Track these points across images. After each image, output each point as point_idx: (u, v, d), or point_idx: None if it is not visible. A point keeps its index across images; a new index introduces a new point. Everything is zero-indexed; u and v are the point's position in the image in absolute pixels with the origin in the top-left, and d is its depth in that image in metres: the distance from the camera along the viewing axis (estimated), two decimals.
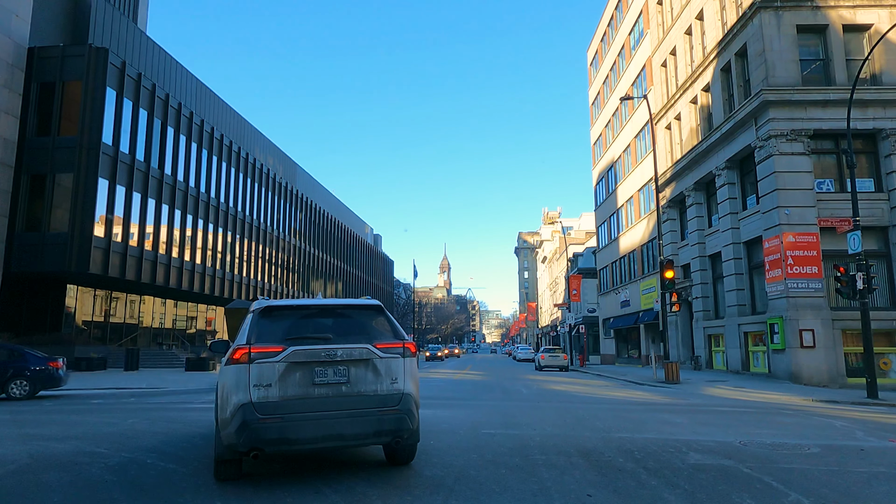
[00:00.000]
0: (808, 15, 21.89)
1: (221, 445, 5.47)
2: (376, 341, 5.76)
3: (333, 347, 5.55)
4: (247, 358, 5.33)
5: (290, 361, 5.37)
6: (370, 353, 5.64)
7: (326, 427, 5.34)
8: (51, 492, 5.35)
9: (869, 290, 15.40)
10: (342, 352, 5.54)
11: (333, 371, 5.49)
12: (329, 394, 5.45)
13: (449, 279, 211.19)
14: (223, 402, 5.40)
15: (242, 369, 5.31)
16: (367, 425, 5.48)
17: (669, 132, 32.25)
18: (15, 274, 26.85)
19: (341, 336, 5.73)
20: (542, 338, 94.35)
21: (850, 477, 6.04)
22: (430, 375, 27.23)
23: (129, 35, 34.01)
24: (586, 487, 5.50)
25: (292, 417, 5.25)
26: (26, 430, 9.09)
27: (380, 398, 5.58)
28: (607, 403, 13.92)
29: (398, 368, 5.74)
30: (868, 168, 21.61)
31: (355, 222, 77.47)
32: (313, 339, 5.61)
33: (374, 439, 5.59)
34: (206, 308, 42.03)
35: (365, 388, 5.57)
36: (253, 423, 5.13)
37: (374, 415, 5.51)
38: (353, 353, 5.58)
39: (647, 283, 35.24)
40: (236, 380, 5.30)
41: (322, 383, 5.44)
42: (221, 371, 5.69)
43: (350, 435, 5.45)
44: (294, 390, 5.35)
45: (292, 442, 5.24)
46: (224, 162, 40.09)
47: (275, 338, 5.52)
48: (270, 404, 5.23)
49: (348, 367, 5.55)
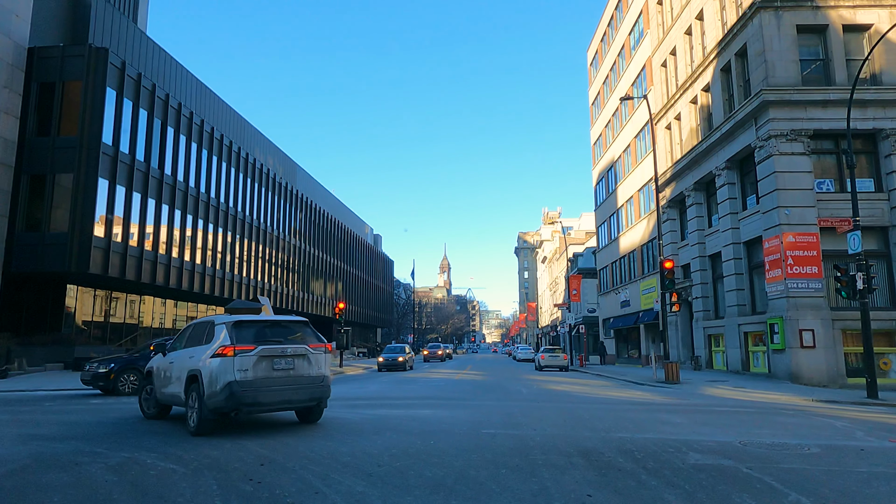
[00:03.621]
0: (808, 15, 21.89)
1: (206, 409, 8.14)
2: (309, 343, 9.07)
3: (285, 347, 8.74)
4: (232, 353, 8.28)
5: (260, 355, 8.44)
6: (306, 350, 8.91)
7: (281, 395, 8.57)
8: (51, 492, 5.35)
9: (869, 290, 15.40)
10: (290, 349, 8.75)
11: (285, 362, 8.66)
12: (283, 375, 8.61)
13: (449, 279, 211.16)
14: (213, 381, 8.14)
15: (229, 360, 8.25)
16: (306, 394, 8.85)
17: (669, 132, 32.24)
18: (15, 274, 26.84)
19: (288, 340, 8.92)
20: (542, 338, 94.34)
21: (850, 477, 6.04)
22: (430, 376, 27.22)
23: (128, 35, 34.00)
24: (586, 487, 5.51)
25: (260, 389, 8.33)
26: (26, 430, 9.09)
27: (312, 378, 8.90)
28: (607, 403, 13.91)
29: (321, 360, 9.09)
30: (868, 168, 21.61)
31: (355, 222, 77.46)
32: (273, 342, 8.72)
33: (308, 402, 9.01)
34: (206, 308, 42.01)
35: (304, 372, 8.82)
36: (238, 393, 8.15)
37: (309, 388, 8.86)
38: (297, 350, 8.82)
39: (647, 283, 35.24)
40: (225, 367, 8.19)
41: (279, 368, 8.58)
42: (206, 363, 8.40)
43: (296, 400, 8.80)
44: (261, 373, 8.41)
45: (261, 404, 8.38)
46: (224, 162, 40.07)
47: (248, 340, 8.50)
48: (247, 381, 8.25)
49: (294, 359, 8.76)
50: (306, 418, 9.62)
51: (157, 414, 10.36)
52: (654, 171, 24.39)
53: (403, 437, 8.35)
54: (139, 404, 10.78)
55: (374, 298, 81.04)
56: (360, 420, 10.36)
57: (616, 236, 43.61)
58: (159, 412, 10.37)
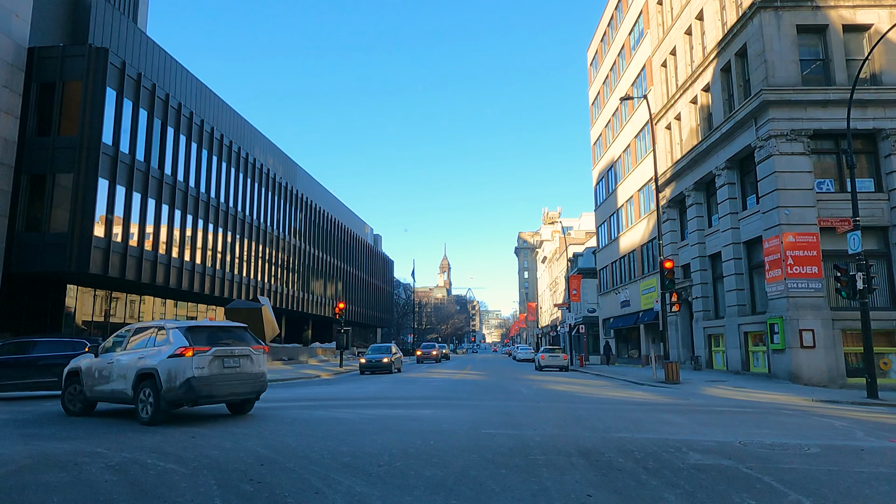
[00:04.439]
0: (808, 15, 21.88)
1: (164, 402, 9.48)
2: (251, 345, 10.60)
3: (233, 348, 10.24)
4: (191, 353, 9.63)
5: (214, 355, 9.88)
6: (249, 351, 10.45)
7: (231, 388, 10.11)
8: (51, 492, 5.35)
9: (869, 290, 15.40)
10: (237, 350, 10.27)
11: (233, 361, 10.16)
12: (232, 372, 10.11)
13: (449, 279, 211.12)
14: (173, 377, 9.48)
15: (188, 359, 9.60)
16: (249, 387, 10.44)
17: (669, 132, 32.24)
18: (15, 274, 26.84)
19: (234, 343, 10.41)
20: (542, 338, 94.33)
21: (850, 477, 6.04)
22: (430, 376, 27.23)
23: (129, 35, 34.00)
24: (586, 487, 5.50)
25: (214, 384, 9.81)
26: (26, 430, 9.10)
27: (254, 374, 10.48)
28: (607, 403, 13.91)
29: (261, 360, 10.69)
30: (868, 168, 21.61)
31: (355, 222, 77.45)
32: (224, 344, 10.17)
33: (251, 395, 10.65)
34: (206, 308, 42.00)
35: (248, 369, 10.36)
36: (196, 387, 9.54)
37: (251, 383, 10.45)
38: (243, 351, 10.34)
39: (647, 283, 35.24)
40: (185, 365, 9.54)
41: (228, 367, 10.07)
42: (168, 361, 9.63)
43: (241, 392, 10.36)
44: (215, 370, 9.86)
45: (214, 396, 9.90)
46: (224, 162, 40.08)
47: (202, 343, 9.88)
48: (204, 377, 9.67)
49: (240, 358, 10.26)
50: (240, 410, 11.09)
51: (81, 411, 11.05)
52: (654, 171, 24.39)
53: (403, 437, 8.35)
54: (62, 404, 11.33)
55: (374, 298, 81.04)
56: (359, 420, 10.36)
57: (616, 236, 43.61)
58: (84, 409, 11.08)
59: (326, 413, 11.51)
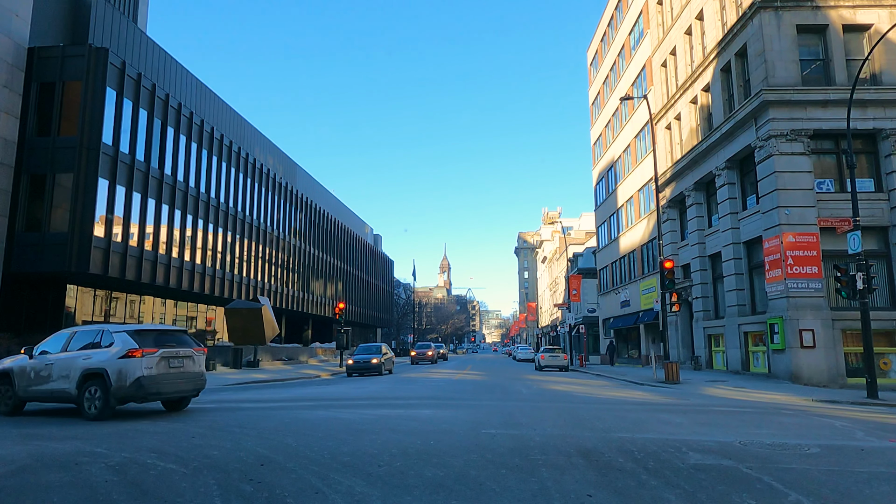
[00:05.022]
0: (808, 15, 21.88)
1: (113, 399, 10.24)
2: (193, 347, 11.46)
3: (178, 349, 11.06)
4: (140, 354, 10.40)
5: (161, 356, 10.70)
6: (192, 352, 11.32)
7: (176, 386, 10.98)
8: (51, 492, 5.35)
9: (869, 290, 15.40)
10: (182, 352, 11.10)
11: (178, 361, 10.99)
12: (176, 372, 10.95)
13: (449, 279, 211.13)
14: (123, 376, 10.23)
15: (138, 360, 10.37)
16: (191, 385, 11.32)
17: (669, 132, 32.25)
18: (15, 274, 26.83)
19: (178, 345, 11.18)
20: (542, 338, 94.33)
21: (850, 477, 6.04)
22: (429, 376, 27.23)
23: (129, 35, 34.00)
24: (586, 487, 5.50)
25: (161, 382, 10.65)
26: (26, 430, 9.10)
27: (195, 373, 11.37)
28: (607, 403, 13.91)
29: (201, 360, 11.59)
30: (868, 168, 21.61)
31: (355, 222, 77.45)
32: (170, 346, 10.98)
33: (193, 392, 11.54)
34: (206, 308, 42.00)
35: (190, 369, 11.24)
36: (145, 384, 10.36)
37: (193, 381, 11.34)
38: (186, 352, 11.19)
39: (647, 283, 35.24)
40: (135, 365, 10.32)
41: (174, 366, 10.90)
42: (118, 361, 10.36)
43: (185, 390, 11.24)
44: (162, 370, 10.70)
45: (161, 393, 10.75)
46: (224, 162, 40.08)
47: (149, 345, 10.64)
48: (152, 376, 10.48)
49: (183, 359, 11.11)
50: (176, 407, 11.86)
51: (11, 411, 11.48)
52: (654, 171, 24.40)
53: (403, 437, 8.35)
54: None
55: (374, 298, 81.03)
56: (360, 420, 10.36)
57: (616, 236, 43.61)
58: (13, 410, 11.51)
59: (326, 413, 11.52)
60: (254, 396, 16.02)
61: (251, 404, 13.51)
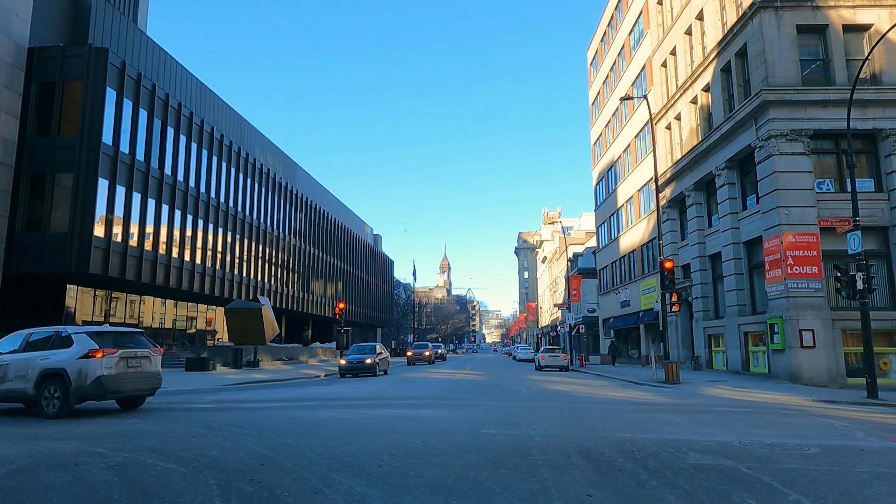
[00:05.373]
0: (808, 15, 21.88)
1: (74, 397, 10.53)
2: (150, 348, 11.81)
3: (136, 350, 11.41)
4: (101, 355, 10.70)
5: (121, 356, 11.03)
6: (149, 353, 11.70)
7: (134, 385, 11.33)
8: (51, 492, 5.35)
9: (869, 290, 15.40)
10: (140, 352, 11.45)
11: (136, 361, 11.34)
12: (135, 371, 11.29)
13: (449, 279, 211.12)
14: (83, 376, 10.50)
15: (98, 360, 10.67)
16: (149, 384, 11.69)
17: (669, 132, 32.25)
18: (15, 274, 26.84)
19: (136, 346, 11.55)
20: (542, 338, 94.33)
21: (850, 477, 6.04)
22: (429, 376, 27.23)
23: (129, 35, 34.01)
24: (586, 487, 5.50)
25: (121, 381, 10.99)
26: (26, 430, 9.10)
27: (153, 373, 11.75)
28: (607, 403, 13.91)
29: (157, 360, 11.94)
30: (868, 168, 21.61)
31: (355, 222, 77.45)
32: (129, 347, 11.34)
33: (150, 391, 11.90)
34: (206, 308, 42.02)
35: (147, 369, 11.59)
36: (105, 383, 10.67)
37: (150, 380, 11.72)
38: (143, 353, 11.55)
39: (647, 283, 35.24)
40: (95, 365, 10.61)
41: (132, 366, 11.24)
42: (78, 361, 10.62)
43: (143, 388, 11.61)
44: (121, 370, 11.03)
45: (120, 392, 11.09)
46: (224, 162, 40.09)
47: (108, 346, 10.95)
48: (112, 376, 10.81)
49: (141, 359, 11.45)
50: (132, 405, 12.20)
51: None
52: (654, 171, 24.40)
53: (403, 437, 8.35)
54: None
55: (374, 298, 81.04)
56: (360, 420, 10.36)
57: (616, 236, 43.61)
58: None
59: (326, 413, 11.52)
60: (254, 396, 16.03)
61: (251, 404, 13.51)
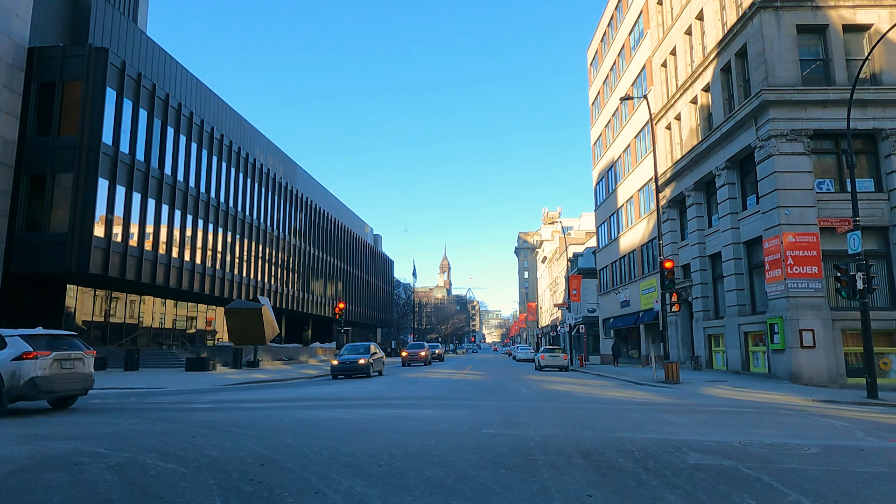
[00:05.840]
0: (808, 15, 21.88)
1: (7, 398, 10.71)
2: (83, 350, 12.09)
3: (70, 352, 11.68)
4: (34, 356, 10.93)
5: (55, 358, 11.28)
6: (82, 355, 11.95)
7: (67, 385, 11.56)
8: (51, 492, 5.35)
9: (869, 290, 15.40)
10: (73, 354, 11.73)
11: (70, 363, 11.58)
12: (68, 372, 11.54)
13: (449, 279, 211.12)
14: (17, 377, 10.70)
15: (32, 362, 10.88)
16: (81, 385, 11.94)
17: (669, 132, 32.24)
18: (15, 274, 26.84)
19: (70, 348, 11.80)
20: (542, 338, 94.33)
21: (850, 477, 6.04)
22: (429, 376, 27.23)
23: (129, 35, 34.01)
24: (586, 487, 5.50)
25: (54, 382, 11.24)
26: (26, 430, 9.10)
27: (85, 374, 11.99)
28: (607, 403, 13.91)
29: (90, 362, 12.21)
30: (868, 168, 21.61)
31: (355, 222, 77.45)
32: (62, 349, 11.60)
33: (82, 391, 12.17)
34: (206, 308, 42.03)
35: (80, 370, 11.86)
36: (39, 384, 10.91)
37: (83, 381, 11.96)
38: (76, 355, 11.80)
39: (647, 283, 35.24)
40: (29, 366, 10.83)
41: (65, 368, 11.49)
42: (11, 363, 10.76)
43: (75, 389, 11.87)
44: (55, 371, 11.29)
45: (54, 392, 11.34)
46: (224, 162, 40.09)
47: (43, 348, 11.19)
48: (46, 377, 11.06)
49: (74, 361, 11.69)
50: (64, 405, 12.45)
51: None
52: (654, 171, 24.40)
53: (403, 437, 8.35)
54: None
55: (374, 298, 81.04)
56: (360, 420, 10.36)
57: (616, 236, 43.61)
58: None
59: (326, 413, 11.51)
60: (254, 396, 16.02)
61: (251, 404, 13.51)
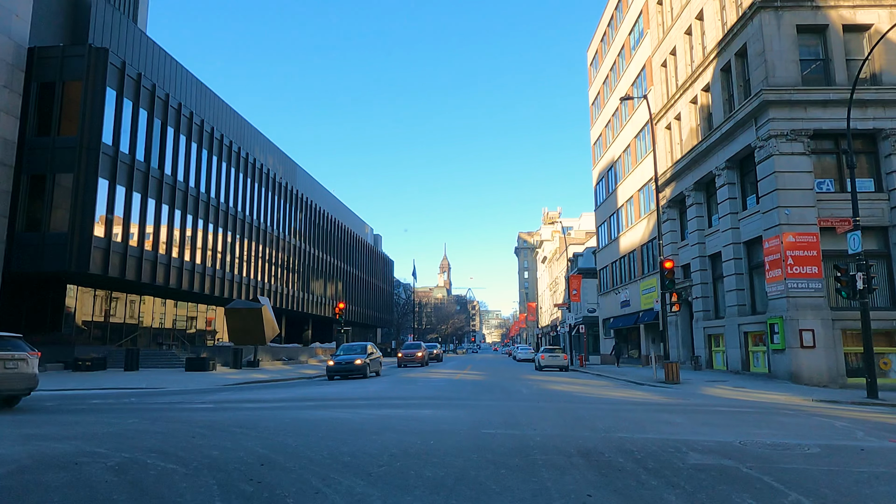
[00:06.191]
0: (808, 15, 21.88)
1: None
2: (28, 351, 12.37)
3: (13, 353, 12.00)
4: None
5: None
6: (26, 356, 12.25)
7: (10, 385, 11.90)
8: (51, 492, 5.35)
9: (869, 290, 15.40)
10: (17, 355, 12.04)
11: (14, 364, 11.91)
12: (12, 372, 11.88)
13: (449, 279, 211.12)
14: None
15: None
16: (25, 384, 12.28)
17: (669, 132, 32.24)
18: (15, 274, 26.84)
19: (14, 349, 12.07)
20: (542, 338, 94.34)
21: (850, 477, 6.04)
22: (429, 376, 27.23)
23: (129, 35, 34.00)
24: (586, 488, 5.50)
25: None
26: (26, 430, 9.09)
27: (29, 374, 12.27)
28: (607, 403, 13.91)
29: (34, 363, 12.49)
30: (868, 168, 21.60)
31: (355, 222, 77.45)
32: (7, 350, 11.86)
33: (25, 391, 12.51)
34: (206, 308, 42.02)
35: (24, 370, 12.16)
36: None
37: (27, 381, 12.29)
38: (21, 356, 12.10)
39: (647, 283, 35.24)
40: None
41: (9, 368, 11.80)
42: None
43: (19, 388, 12.23)
44: None
45: None
46: (224, 162, 40.09)
47: None
48: None
49: (18, 361, 12.02)
50: (9, 404, 12.68)
51: None
52: (654, 171, 24.40)
53: (403, 437, 8.35)
54: None
55: (374, 298, 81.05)
56: (360, 420, 10.36)
57: (616, 236, 43.60)
58: None
59: (326, 413, 11.52)
60: (254, 396, 16.02)
61: (251, 404, 13.51)
